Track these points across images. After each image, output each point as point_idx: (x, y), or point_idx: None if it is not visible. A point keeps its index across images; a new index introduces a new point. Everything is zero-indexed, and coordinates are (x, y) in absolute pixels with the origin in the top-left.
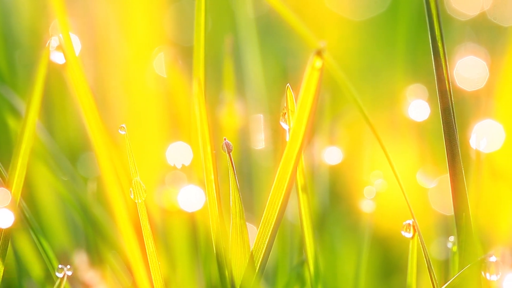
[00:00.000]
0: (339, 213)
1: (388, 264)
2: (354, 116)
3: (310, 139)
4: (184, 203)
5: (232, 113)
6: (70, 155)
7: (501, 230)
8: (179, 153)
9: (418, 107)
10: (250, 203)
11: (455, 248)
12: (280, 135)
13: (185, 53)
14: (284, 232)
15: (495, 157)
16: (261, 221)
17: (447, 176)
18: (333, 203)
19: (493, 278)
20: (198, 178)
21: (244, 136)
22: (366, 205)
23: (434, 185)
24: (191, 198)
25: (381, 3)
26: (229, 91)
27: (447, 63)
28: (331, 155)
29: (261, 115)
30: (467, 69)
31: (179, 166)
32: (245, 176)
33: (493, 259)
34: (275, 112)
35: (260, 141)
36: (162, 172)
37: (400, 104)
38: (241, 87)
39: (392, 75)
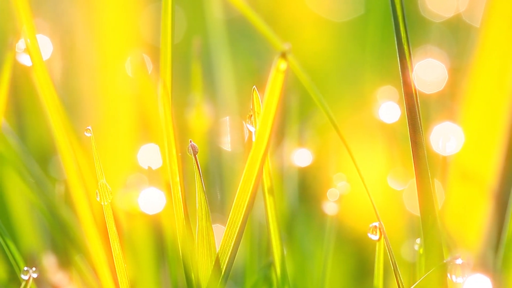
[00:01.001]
0: (309, 214)
1: (361, 266)
2: (324, 118)
3: (280, 141)
4: (145, 205)
5: (200, 115)
6: (42, 157)
7: (469, 232)
8: (150, 155)
9: (389, 109)
10: (222, 204)
11: (421, 250)
12: (250, 136)
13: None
14: (253, 234)
15: (463, 159)
16: (227, 223)
17: None
18: (303, 205)
19: (459, 280)
20: (165, 181)
21: (214, 138)
22: (330, 208)
23: (405, 187)
24: (152, 201)
25: (362, 4)
26: (197, 93)
27: (413, 66)
28: (300, 157)
29: (231, 117)
30: (429, 71)
31: (149, 168)
32: (216, 178)
33: (459, 261)
34: (245, 114)
35: (230, 143)
36: (132, 174)
37: (371, 106)
38: (211, 89)
39: (365, 76)
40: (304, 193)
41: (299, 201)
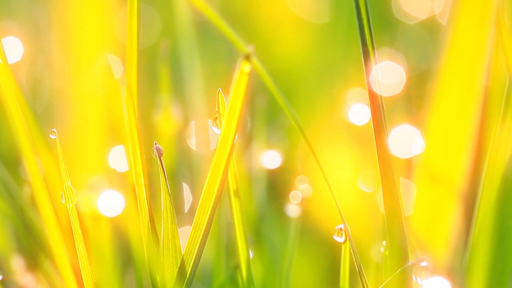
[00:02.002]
0: (278, 216)
1: (333, 268)
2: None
3: (248, 143)
4: (106, 208)
5: (168, 117)
6: (12, 160)
7: (437, 235)
8: (120, 158)
9: (359, 111)
10: (192, 206)
11: (387, 253)
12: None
13: (141, 55)
14: (220, 235)
15: (430, 161)
16: (192, 225)
17: None
18: (272, 207)
19: (424, 283)
20: (131, 183)
21: (182, 139)
22: (294, 210)
23: (376, 189)
24: (114, 203)
25: (341, 5)
26: (165, 95)
27: (378, 67)
28: (269, 159)
29: (200, 119)
30: (395, 73)
31: (119, 170)
32: (184, 180)
33: (423, 263)
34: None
35: (198, 144)
36: (95, 176)
37: (341, 108)
38: (180, 90)
39: (342, 78)
40: (274, 195)
41: (268, 203)
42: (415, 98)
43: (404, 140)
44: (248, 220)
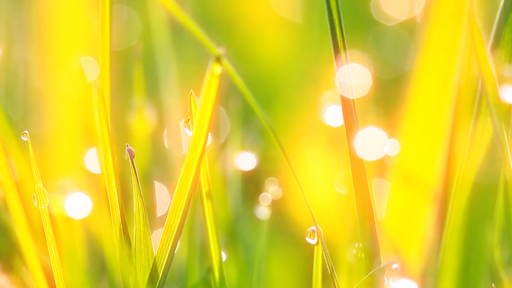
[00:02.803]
0: (253, 218)
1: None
2: (271, 121)
3: (223, 144)
4: (74, 209)
5: (142, 119)
6: None
7: (410, 236)
8: (95, 160)
9: (334, 112)
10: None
11: (360, 254)
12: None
13: (116, 57)
14: (194, 237)
15: (405, 163)
16: (164, 227)
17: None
18: (247, 208)
19: (395, 285)
20: (103, 185)
21: (159, 141)
22: (263, 212)
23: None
24: (80, 205)
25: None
26: (139, 96)
27: (350, 69)
28: (244, 161)
29: (175, 121)
30: (362, 74)
31: (94, 172)
32: (164, 182)
33: (395, 266)
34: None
35: (174, 146)
36: (73, 178)
37: (316, 109)
38: (156, 92)
39: (318, 79)
40: (249, 197)
41: (242, 205)
42: (390, 100)
43: (376, 142)
44: (222, 222)
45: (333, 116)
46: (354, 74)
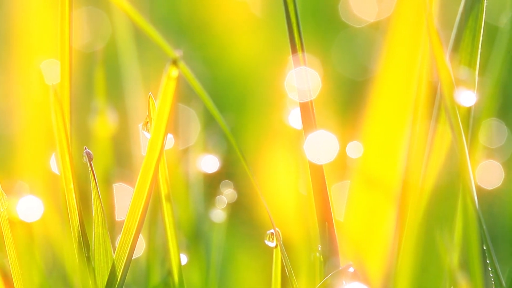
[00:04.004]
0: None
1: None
2: (234, 123)
3: (186, 147)
4: (25, 212)
5: (104, 121)
6: None
7: (370, 239)
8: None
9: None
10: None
11: (318, 257)
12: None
13: (86, 59)
14: (155, 239)
15: (366, 165)
16: (122, 230)
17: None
18: (209, 211)
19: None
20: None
21: (120, 143)
22: (217, 215)
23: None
24: (31, 208)
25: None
26: (100, 99)
27: (308, 73)
28: (206, 163)
29: (138, 123)
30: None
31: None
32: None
33: (351, 269)
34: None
35: (138, 148)
36: (41, 181)
37: (281, 111)
38: (119, 94)
39: (280, 79)
40: (211, 200)
41: (205, 207)
42: (353, 102)
43: (329, 144)
44: (184, 224)
45: (296, 118)
46: (309, 76)
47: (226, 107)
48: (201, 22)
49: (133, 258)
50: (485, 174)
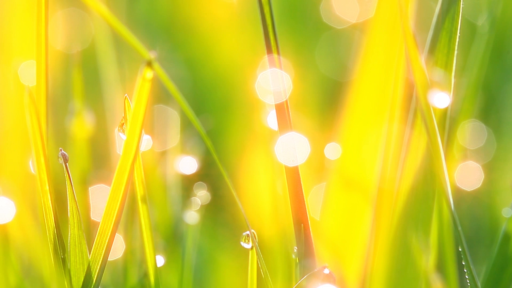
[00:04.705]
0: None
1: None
2: (213, 124)
3: (164, 148)
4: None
5: (81, 123)
6: None
7: (347, 241)
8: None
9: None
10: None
11: (296, 259)
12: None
13: (68, 60)
14: (134, 242)
15: (344, 167)
16: (97, 231)
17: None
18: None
19: None
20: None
21: (98, 145)
22: (192, 217)
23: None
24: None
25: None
26: (78, 100)
27: (282, 74)
28: (185, 165)
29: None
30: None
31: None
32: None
33: (326, 271)
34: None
35: (116, 149)
36: (21, 181)
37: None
38: (98, 96)
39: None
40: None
41: (183, 209)
42: (336, 103)
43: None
44: (162, 226)
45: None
46: (284, 78)
47: (209, 108)
48: (184, 22)
49: (113, 259)
50: (464, 175)
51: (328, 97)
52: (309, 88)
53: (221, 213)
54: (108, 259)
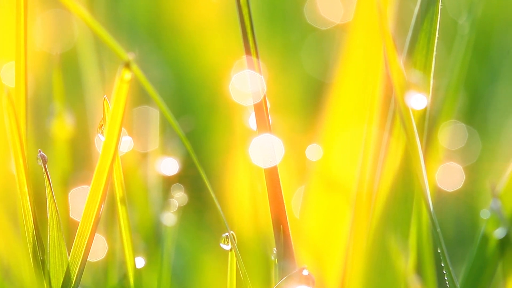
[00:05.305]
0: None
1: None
2: (195, 125)
3: (146, 150)
4: None
5: (62, 124)
6: None
7: (327, 242)
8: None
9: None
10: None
11: (275, 261)
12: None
13: (51, 61)
14: (115, 243)
15: (324, 169)
16: (76, 233)
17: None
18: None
19: None
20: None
21: (79, 147)
22: (168, 218)
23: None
24: None
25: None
26: (59, 102)
27: (263, 76)
28: (166, 166)
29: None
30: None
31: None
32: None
33: (305, 272)
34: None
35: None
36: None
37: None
38: (80, 97)
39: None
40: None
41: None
42: (316, 105)
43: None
44: (143, 227)
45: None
46: (263, 78)
47: (193, 108)
48: (168, 23)
49: (95, 260)
50: (448, 176)
51: (312, 97)
52: (293, 89)
53: (205, 214)
54: (92, 261)
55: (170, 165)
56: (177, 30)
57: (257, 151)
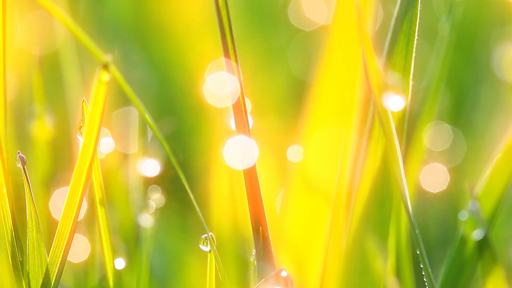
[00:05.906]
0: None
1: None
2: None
3: (127, 151)
4: None
5: (43, 126)
6: None
7: (307, 244)
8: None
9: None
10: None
11: (254, 262)
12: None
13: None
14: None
15: (305, 170)
16: (55, 235)
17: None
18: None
19: None
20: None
21: (60, 148)
22: (145, 220)
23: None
24: None
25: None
26: (39, 103)
27: (241, 78)
28: (147, 167)
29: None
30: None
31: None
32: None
33: (284, 273)
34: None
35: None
36: None
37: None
38: (61, 98)
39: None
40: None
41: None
42: (301, 106)
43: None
44: (124, 229)
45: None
46: (240, 80)
47: (176, 109)
48: (152, 23)
49: (78, 261)
50: (431, 177)
51: (296, 98)
52: (277, 90)
53: (186, 215)
54: (74, 262)
55: (151, 166)
56: (162, 30)
57: (234, 152)
